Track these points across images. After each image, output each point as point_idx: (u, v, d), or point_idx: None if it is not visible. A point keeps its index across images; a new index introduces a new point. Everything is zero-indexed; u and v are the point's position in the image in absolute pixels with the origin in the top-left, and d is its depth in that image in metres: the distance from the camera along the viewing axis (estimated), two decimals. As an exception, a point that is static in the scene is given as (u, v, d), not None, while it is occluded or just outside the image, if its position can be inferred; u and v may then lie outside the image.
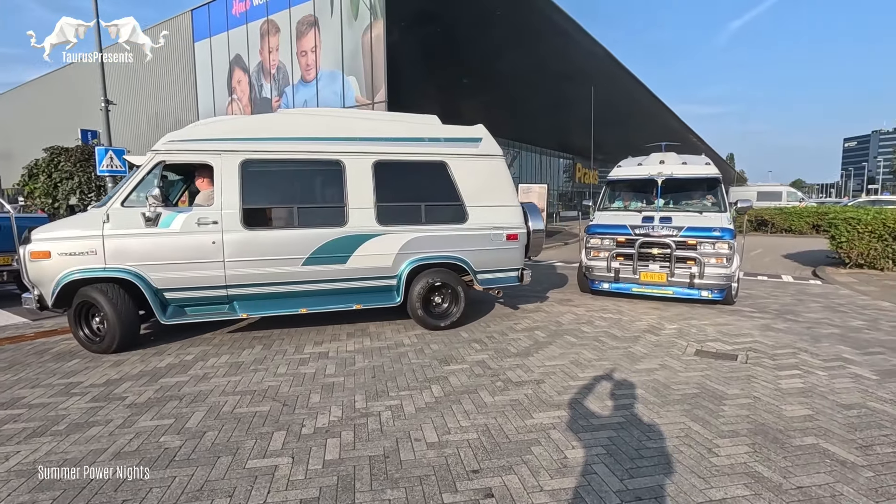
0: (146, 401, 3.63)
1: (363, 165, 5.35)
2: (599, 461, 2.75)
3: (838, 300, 7.30)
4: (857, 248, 9.84)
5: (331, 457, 2.81)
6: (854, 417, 3.30)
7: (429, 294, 5.60)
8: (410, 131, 5.69)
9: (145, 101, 24.06)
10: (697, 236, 6.44)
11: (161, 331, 5.55)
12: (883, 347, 4.90)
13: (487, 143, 5.90)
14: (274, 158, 5.15)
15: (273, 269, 5.00)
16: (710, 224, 6.54)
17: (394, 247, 5.35)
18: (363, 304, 5.42)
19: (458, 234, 5.60)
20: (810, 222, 19.27)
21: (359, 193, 5.29)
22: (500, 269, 5.87)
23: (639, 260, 6.72)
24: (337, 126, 5.46)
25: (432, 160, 5.64)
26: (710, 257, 6.37)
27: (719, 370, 4.27)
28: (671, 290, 6.61)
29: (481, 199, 5.73)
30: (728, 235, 6.36)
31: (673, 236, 6.52)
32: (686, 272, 6.45)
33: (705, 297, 6.53)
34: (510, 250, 5.84)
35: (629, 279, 6.81)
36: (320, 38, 16.39)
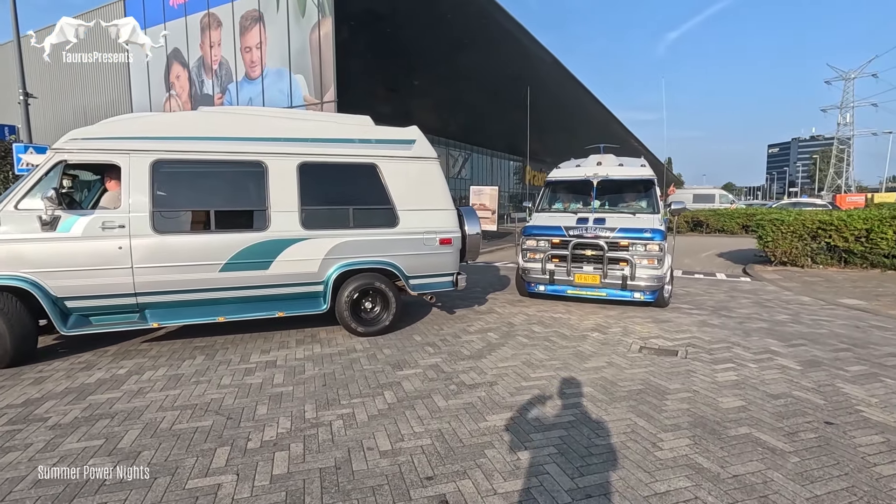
0: (72, 421, 3.35)
1: (287, 167, 5.12)
2: (551, 461, 2.80)
3: (766, 296, 7.84)
4: (781, 247, 10.63)
5: (279, 471, 2.69)
6: (781, 406, 3.54)
7: (359, 300, 5.46)
8: (340, 132, 5.51)
9: (72, 95, 22.36)
10: (629, 237, 6.46)
11: (79, 342, 5.14)
12: (805, 339, 5.30)
13: (421, 146, 5.76)
14: (189, 159, 4.87)
15: (187, 275, 4.73)
16: (642, 225, 6.57)
17: (320, 252, 5.16)
18: (287, 311, 5.21)
19: (389, 238, 5.45)
20: (740, 223, 20.65)
21: (282, 196, 5.06)
22: (434, 274, 5.76)
23: (572, 262, 6.70)
24: (259, 126, 5.23)
25: (362, 162, 5.46)
26: (641, 258, 6.40)
27: (662, 366, 4.46)
28: (605, 291, 6.62)
29: (413, 203, 5.59)
30: (658, 237, 6.38)
31: (605, 237, 6.51)
32: (619, 273, 6.46)
33: (637, 300, 6.53)
34: (444, 255, 5.73)
35: (564, 281, 6.78)
36: (266, 34, 15.84)
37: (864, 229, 9.81)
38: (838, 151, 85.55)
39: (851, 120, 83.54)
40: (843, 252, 10.23)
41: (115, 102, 20.64)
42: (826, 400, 3.66)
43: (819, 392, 3.81)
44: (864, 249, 9.91)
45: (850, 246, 10.01)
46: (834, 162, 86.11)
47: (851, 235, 9.96)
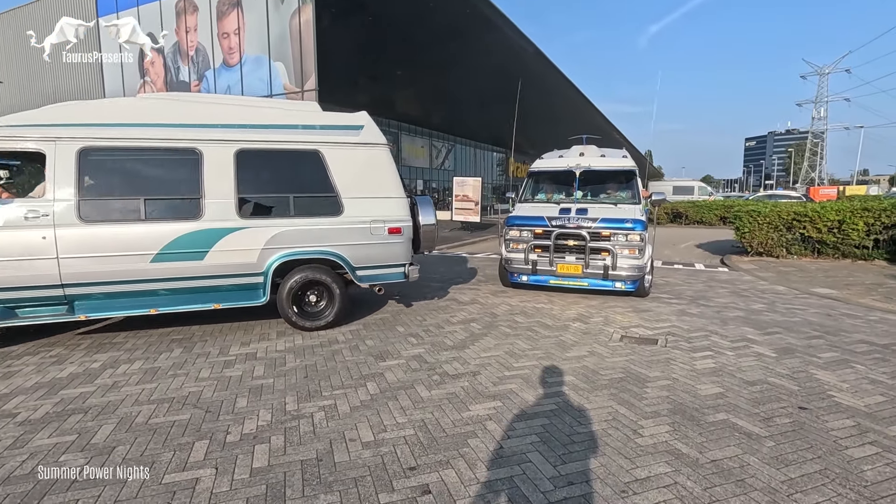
0: (43, 416, 3.24)
1: (224, 154, 4.95)
2: (534, 449, 2.81)
3: (742, 286, 8.01)
4: (757, 238, 10.85)
5: (259, 464, 2.65)
6: (757, 393, 3.62)
7: (303, 292, 5.30)
8: (282, 118, 5.33)
9: (41, 80, 21.53)
10: (611, 227, 6.50)
11: (49, 334, 4.99)
12: (779, 327, 5.43)
13: (370, 131, 5.57)
14: (119, 146, 4.70)
15: (117, 266, 4.58)
16: (623, 216, 6.63)
17: (258, 242, 4.97)
18: (224, 303, 5.06)
19: (333, 227, 5.25)
20: (718, 214, 21.03)
21: (217, 184, 4.89)
22: (382, 265, 5.56)
23: (555, 252, 6.72)
24: (195, 112, 5.07)
25: (304, 149, 5.26)
26: (622, 248, 6.45)
27: (642, 354, 4.52)
28: (587, 281, 6.66)
29: (360, 191, 5.38)
30: (640, 227, 6.43)
31: (588, 228, 6.54)
32: (600, 263, 6.50)
33: (619, 289, 6.60)
34: (393, 244, 5.52)
35: (546, 271, 6.80)
36: (244, 20, 15.43)
37: (836, 221, 10.08)
38: (812, 145, 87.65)
39: (825, 114, 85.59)
40: (816, 243, 10.50)
41: (87, 88, 19.95)
42: (800, 386, 3.76)
43: (793, 378, 3.91)
44: (836, 240, 10.19)
45: (823, 237, 10.27)
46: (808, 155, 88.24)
47: (824, 227, 10.22)
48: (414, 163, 37.83)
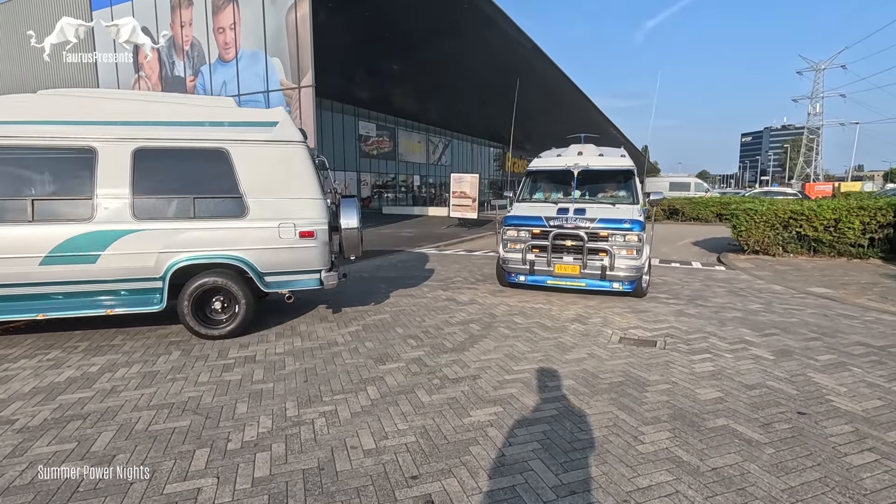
0: (41, 423, 3.22)
1: (121, 152, 4.73)
2: (535, 457, 2.82)
3: (739, 285, 8.04)
4: (754, 236, 10.89)
5: (260, 473, 2.65)
6: (756, 397, 3.64)
7: (207, 299, 5.07)
8: (188, 114, 5.09)
9: (32, 75, 21.26)
10: (609, 228, 6.49)
11: (46, 337, 4.96)
12: (777, 328, 5.45)
13: (284, 128, 5.23)
14: (9, 144, 4.57)
15: (3, 268, 4.45)
16: (621, 216, 6.61)
17: (155, 245, 4.75)
18: (118, 308, 4.86)
19: (236, 230, 4.95)
20: (714, 211, 21.09)
21: (112, 184, 4.68)
22: (294, 271, 5.22)
23: (553, 252, 6.68)
24: (92, 108, 4.89)
25: (210, 147, 4.98)
26: (620, 249, 6.42)
27: (641, 357, 4.54)
28: (584, 282, 6.65)
29: (269, 191, 5.07)
30: (637, 227, 6.41)
31: (585, 228, 6.51)
32: (598, 264, 6.47)
33: (616, 290, 6.59)
34: (305, 249, 5.14)
35: (544, 271, 6.77)
36: (240, 15, 15.27)
37: (832, 219, 10.12)
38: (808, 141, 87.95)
39: (821, 110, 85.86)
40: (812, 241, 10.55)
41: (80, 82, 19.72)
42: (798, 390, 3.78)
43: (791, 382, 3.93)
44: (832, 239, 10.24)
45: (819, 235, 10.32)
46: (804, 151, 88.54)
47: (821, 225, 10.26)
48: (411, 158, 37.76)
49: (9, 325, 5.34)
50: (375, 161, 33.82)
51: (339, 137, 30.03)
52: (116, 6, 17.77)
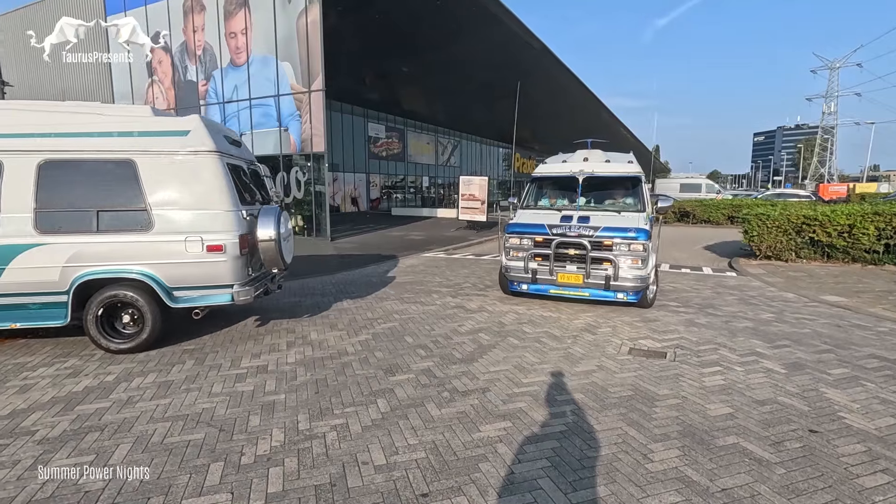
0: (61, 434, 3.30)
1: (26, 165, 4.69)
2: (545, 474, 2.84)
3: (751, 292, 7.97)
4: (766, 241, 10.79)
5: (274, 489, 2.69)
6: (767, 413, 3.62)
7: (116, 312, 5.01)
8: (98, 125, 4.96)
9: (49, 78, 21.64)
10: (613, 236, 6.31)
11: (65, 343, 5.06)
12: (789, 340, 5.41)
13: (196, 137, 5.02)
14: None
15: None
16: (626, 224, 6.43)
17: (58, 259, 4.68)
18: (22, 322, 4.84)
19: (141, 244, 4.82)
20: (726, 214, 20.90)
21: (14, 197, 4.65)
22: (202, 286, 5.04)
23: (555, 261, 6.55)
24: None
25: (117, 157, 4.85)
26: (624, 258, 6.26)
27: (650, 369, 4.53)
28: (588, 291, 6.50)
29: (176, 203, 4.90)
30: (643, 236, 6.23)
31: (589, 236, 6.36)
32: (602, 273, 6.32)
33: (620, 300, 6.44)
34: (213, 264, 4.95)
35: (547, 280, 6.64)
36: (251, 20, 15.41)
37: (846, 225, 10.00)
38: (822, 140, 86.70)
39: (835, 109, 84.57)
40: (825, 247, 10.42)
41: (96, 87, 20.04)
42: (810, 406, 3.75)
43: (803, 398, 3.90)
44: (847, 244, 10.11)
45: (833, 241, 10.20)
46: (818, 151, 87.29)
47: (834, 231, 10.14)
48: (420, 159, 37.84)
49: (28, 332, 5.46)
50: (385, 162, 33.94)
51: (349, 139, 30.18)
52: (130, 11, 18.02)
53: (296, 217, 16.27)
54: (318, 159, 15.14)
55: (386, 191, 34.62)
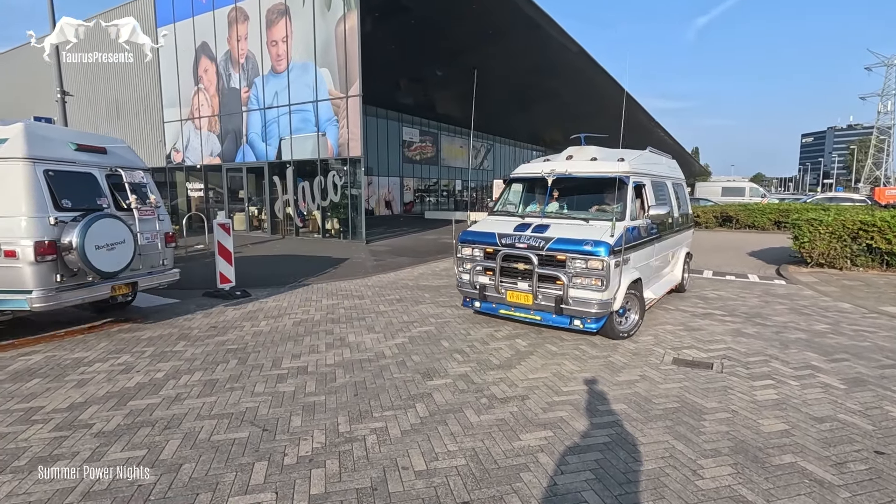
0: (115, 428, 3.45)
1: None
2: (588, 487, 2.76)
3: (802, 301, 7.58)
4: (818, 248, 10.24)
5: (316, 491, 2.72)
6: (827, 432, 3.42)
7: None
8: None
9: (104, 87, 22.85)
10: (566, 250, 5.21)
11: (118, 341, 5.29)
12: (847, 353, 5.10)
13: (12, 145, 5.18)
14: None
15: None
16: (584, 235, 5.25)
17: None
18: None
19: None
20: (772, 219, 19.97)
21: None
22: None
23: (502, 276, 5.63)
24: None
25: None
26: (578, 277, 5.15)
27: (696, 381, 4.36)
28: (540, 315, 5.49)
29: None
30: (602, 250, 5.01)
31: (538, 249, 5.34)
32: (552, 294, 5.27)
33: (577, 328, 5.33)
34: (8, 269, 5.05)
35: (495, 298, 5.77)
36: (292, 28, 15.84)
37: (908, 231, 9.38)
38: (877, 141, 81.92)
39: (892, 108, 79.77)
40: (885, 254, 9.80)
41: (147, 96, 21.02)
42: (875, 425, 3.52)
43: (866, 416, 3.67)
44: (909, 252, 9.48)
45: (893, 248, 9.58)
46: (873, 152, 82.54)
47: (894, 237, 9.53)
48: (453, 163, 37.94)
49: (84, 328, 5.76)
50: (418, 166, 34.18)
51: (384, 143, 30.56)
52: (179, 22, 18.84)
53: (332, 220, 16.57)
54: (355, 163, 15.38)
55: (419, 194, 34.86)
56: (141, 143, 21.85)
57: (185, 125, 19.71)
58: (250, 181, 18.68)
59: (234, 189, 19.27)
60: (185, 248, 12.85)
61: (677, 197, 7.84)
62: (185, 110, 19.57)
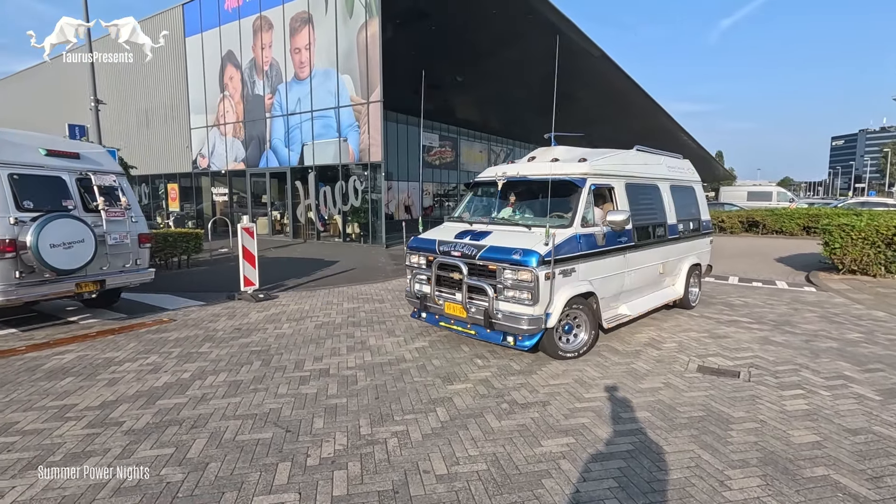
0: (144, 426, 3.54)
1: None
2: (612, 496, 2.72)
3: (833, 309, 7.35)
4: (850, 254, 9.92)
5: (339, 492, 2.75)
6: (862, 444, 3.30)
7: None
8: None
9: (134, 97, 23.59)
10: (496, 259, 4.84)
11: (147, 342, 5.44)
12: (882, 363, 4.92)
13: None
14: None
15: None
16: (517, 244, 4.83)
17: None
18: None
19: None
20: (801, 224, 19.43)
21: None
22: None
23: (440, 286, 5.34)
24: None
25: None
26: (507, 289, 4.75)
27: (723, 389, 4.26)
28: (475, 329, 5.12)
29: None
30: (530, 260, 4.58)
31: (470, 257, 5.00)
32: (483, 306, 4.90)
33: (510, 344, 4.89)
34: None
35: (435, 309, 5.46)
36: (314, 36, 16.13)
37: (947, 237, 9.02)
38: (913, 144, 78.94)
39: (929, 109, 76.82)
40: (921, 261, 9.44)
41: (174, 103, 21.63)
42: (912, 438, 3.39)
43: (903, 429, 3.53)
44: (947, 259, 9.11)
45: (931, 255, 9.22)
46: (907, 155, 79.61)
47: (932, 244, 9.17)
48: (472, 167, 37.93)
49: (115, 329, 5.94)
50: (437, 171, 34.31)
51: (404, 148, 30.76)
52: (206, 32, 19.36)
53: (352, 224, 16.74)
54: (375, 168, 15.54)
55: (438, 199, 34.97)
56: (168, 149, 22.48)
57: (210, 131, 20.21)
58: (273, 186, 19.03)
59: (257, 194, 19.67)
60: (209, 251, 13.14)
61: (676, 202, 6.92)
62: (210, 117, 20.07)
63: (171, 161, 22.45)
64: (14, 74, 32.96)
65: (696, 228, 7.46)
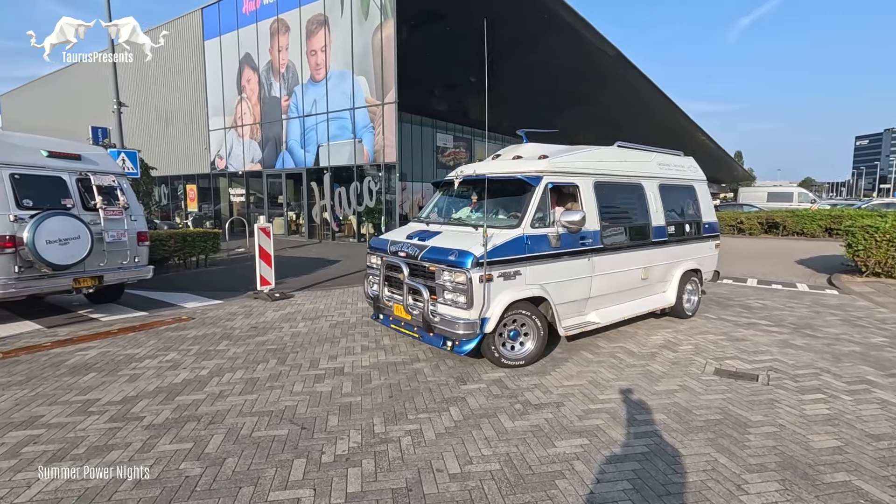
0: (164, 421, 3.62)
1: None
2: (626, 498, 2.70)
3: (856, 313, 7.18)
4: (874, 256, 9.68)
5: (353, 489, 2.77)
6: (885, 451, 3.22)
7: None
8: None
9: (155, 99, 24.07)
10: (434, 260, 4.71)
11: (167, 339, 5.55)
12: (907, 368, 4.80)
13: None
14: None
15: None
16: (454, 244, 4.68)
17: None
18: None
19: None
20: (823, 225, 19.01)
21: None
22: None
23: (390, 287, 5.28)
24: None
25: None
26: (443, 292, 4.61)
27: (741, 392, 4.20)
28: (419, 332, 4.98)
29: None
30: (465, 261, 4.40)
31: (413, 257, 4.90)
32: (421, 310, 4.75)
33: (448, 349, 4.71)
34: None
35: (386, 310, 5.36)
36: (330, 38, 16.29)
37: (977, 239, 8.75)
38: (941, 143, 76.65)
39: (958, 108, 74.53)
40: (949, 264, 9.17)
41: (193, 105, 22.02)
42: (938, 445, 3.30)
43: (929, 435, 3.44)
44: (977, 262, 8.84)
45: (960, 257, 8.95)
46: (935, 155, 77.26)
47: (961, 246, 8.91)
48: (486, 168, 37.87)
49: (136, 326, 6.07)
50: (451, 172, 34.35)
51: (418, 149, 30.85)
52: (224, 35, 19.66)
53: (367, 225, 16.85)
54: (390, 169, 15.63)
55: (452, 199, 34.98)
56: (187, 150, 22.88)
57: (228, 133, 20.53)
58: (289, 187, 19.24)
59: (273, 194, 19.91)
60: (227, 251, 13.35)
61: (667, 202, 6.41)
62: (228, 119, 20.39)
63: (190, 162, 22.86)
64: (38, 79, 33.88)
65: (694, 231, 6.89)
